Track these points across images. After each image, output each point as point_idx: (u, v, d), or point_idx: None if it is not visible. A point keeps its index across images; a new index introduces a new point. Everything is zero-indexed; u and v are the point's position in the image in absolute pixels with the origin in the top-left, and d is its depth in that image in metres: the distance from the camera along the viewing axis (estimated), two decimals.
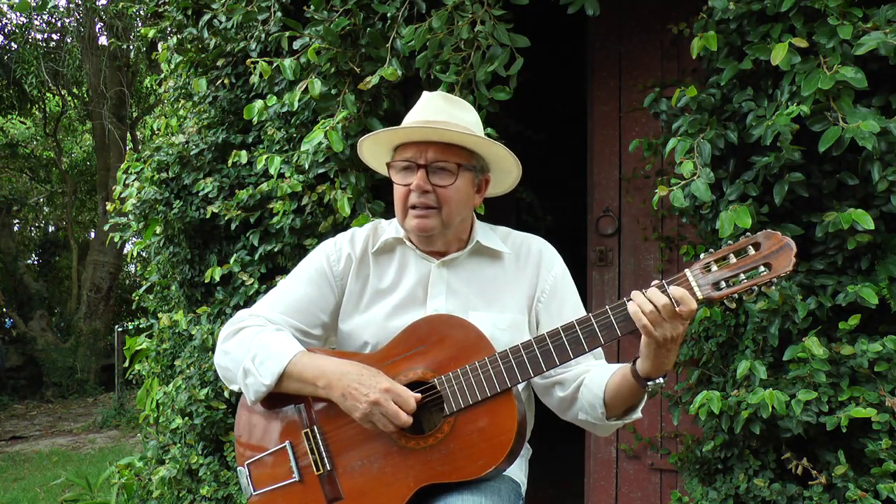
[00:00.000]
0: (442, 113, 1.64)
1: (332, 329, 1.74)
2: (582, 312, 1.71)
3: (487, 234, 1.72)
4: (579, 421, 1.64)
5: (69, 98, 13.08)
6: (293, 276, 1.74)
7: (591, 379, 1.59)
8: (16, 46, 10.83)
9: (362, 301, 1.70)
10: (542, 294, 1.69)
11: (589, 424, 1.62)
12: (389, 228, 1.74)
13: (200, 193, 3.23)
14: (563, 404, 1.64)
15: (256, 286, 3.07)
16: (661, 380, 1.45)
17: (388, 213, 1.87)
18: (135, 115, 12.73)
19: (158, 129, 4.24)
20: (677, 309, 1.36)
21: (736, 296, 1.37)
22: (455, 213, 1.63)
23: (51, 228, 16.26)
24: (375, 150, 1.74)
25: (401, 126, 1.65)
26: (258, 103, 2.86)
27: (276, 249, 3.05)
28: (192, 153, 3.29)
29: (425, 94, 1.74)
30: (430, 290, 1.66)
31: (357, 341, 1.68)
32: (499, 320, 1.63)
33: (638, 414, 1.58)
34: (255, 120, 2.89)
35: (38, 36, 11.11)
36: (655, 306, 1.37)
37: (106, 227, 4.30)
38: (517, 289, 1.68)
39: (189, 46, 3.51)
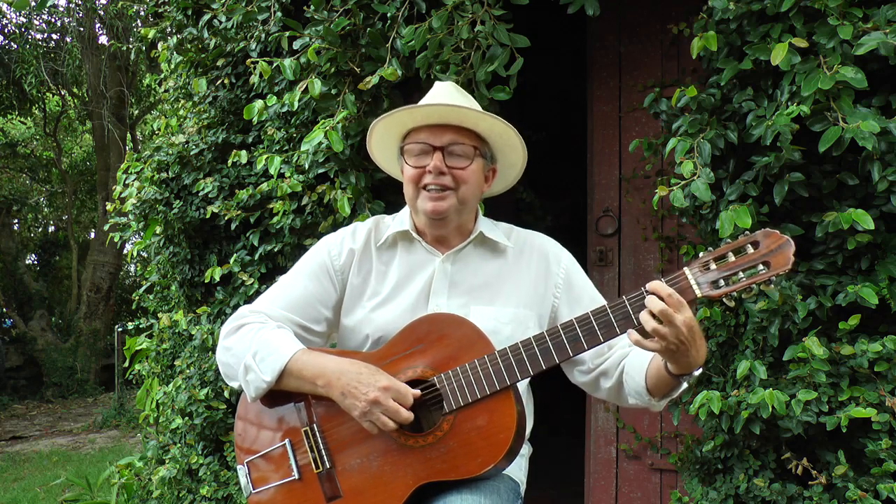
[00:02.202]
0: (456, 99, 1.65)
1: (334, 324, 1.73)
2: (598, 296, 1.74)
3: (491, 227, 1.73)
4: (632, 405, 1.65)
5: (69, 98, 13.08)
6: (295, 271, 1.74)
7: (630, 366, 1.60)
8: (16, 46, 10.82)
9: (364, 295, 1.70)
10: (557, 289, 1.70)
11: (642, 406, 1.64)
12: (394, 223, 1.74)
13: (200, 193, 3.23)
14: (612, 393, 1.67)
15: (256, 286, 3.07)
16: (696, 372, 1.45)
17: (389, 213, 1.86)
18: (135, 115, 12.73)
19: (158, 129, 4.24)
20: (670, 311, 1.35)
21: (735, 294, 1.37)
22: (471, 195, 1.64)
23: (51, 228, 16.26)
24: (386, 133, 1.73)
25: (418, 104, 1.64)
26: (258, 103, 2.86)
27: (276, 249, 3.05)
28: (192, 153, 3.29)
29: (438, 83, 1.75)
30: (433, 286, 1.66)
31: (358, 336, 1.68)
32: (501, 314, 1.63)
33: (685, 384, 1.54)
34: (255, 120, 2.89)
35: (38, 36, 11.11)
36: (659, 320, 1.36)
37: (106, 227, 4.30)
38: (520, 283, 1.68)
39: (189, 46, 3.50)
